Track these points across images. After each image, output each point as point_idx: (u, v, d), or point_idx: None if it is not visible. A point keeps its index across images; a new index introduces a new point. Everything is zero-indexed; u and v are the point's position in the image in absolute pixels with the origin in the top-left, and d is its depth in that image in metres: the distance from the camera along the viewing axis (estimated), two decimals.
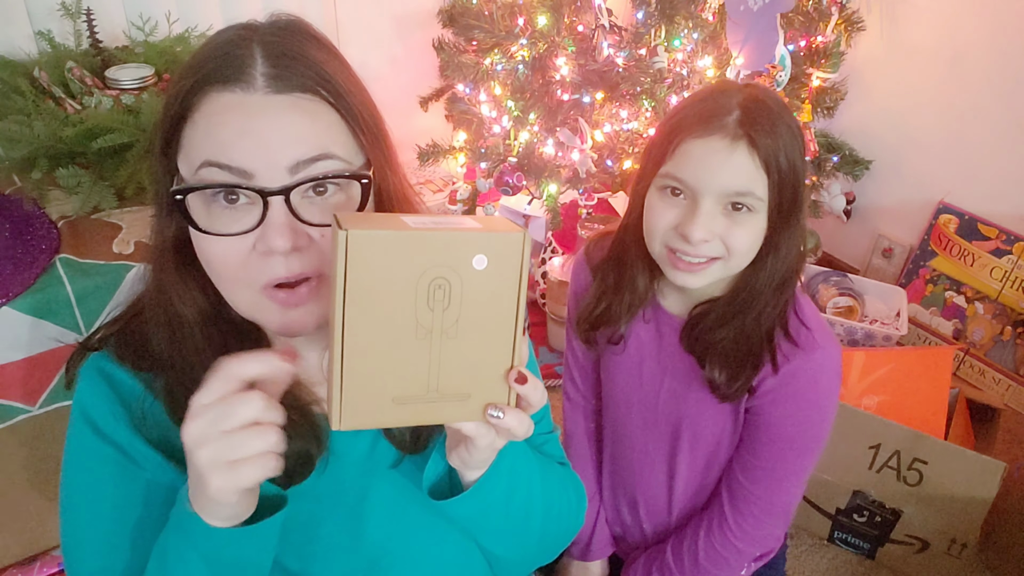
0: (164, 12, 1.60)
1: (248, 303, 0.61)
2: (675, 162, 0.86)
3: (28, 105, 1.28)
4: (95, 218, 1.27)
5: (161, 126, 0.60)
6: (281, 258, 0.58)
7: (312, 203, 0.59)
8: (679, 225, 0.87)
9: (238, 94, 0.57)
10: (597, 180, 1.81)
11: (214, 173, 0.56)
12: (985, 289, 1.94)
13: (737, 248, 0.87)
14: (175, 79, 0.60)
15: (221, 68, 0.57)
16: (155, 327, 0.65)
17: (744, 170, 0.83)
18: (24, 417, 1.18)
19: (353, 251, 0.49)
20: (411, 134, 1.96)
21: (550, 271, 1.85)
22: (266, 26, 0.62)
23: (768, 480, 0.97)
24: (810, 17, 1.85)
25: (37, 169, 1.23)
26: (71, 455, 0.67)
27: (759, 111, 0.84)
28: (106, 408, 0.66)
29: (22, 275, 1.12)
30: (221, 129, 0.56)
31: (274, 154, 0.56)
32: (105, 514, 0.66)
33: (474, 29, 1.79)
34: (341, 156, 0.59)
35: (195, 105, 0.58)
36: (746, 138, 0.83)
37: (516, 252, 0.53)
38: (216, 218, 0.58)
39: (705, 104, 0.86)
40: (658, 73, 1.66)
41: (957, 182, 1.96)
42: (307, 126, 0.58)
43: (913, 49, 1.97)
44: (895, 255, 2.15)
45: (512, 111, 1.80)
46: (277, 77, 0.57)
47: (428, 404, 0.54)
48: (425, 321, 0.52)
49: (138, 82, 1.39)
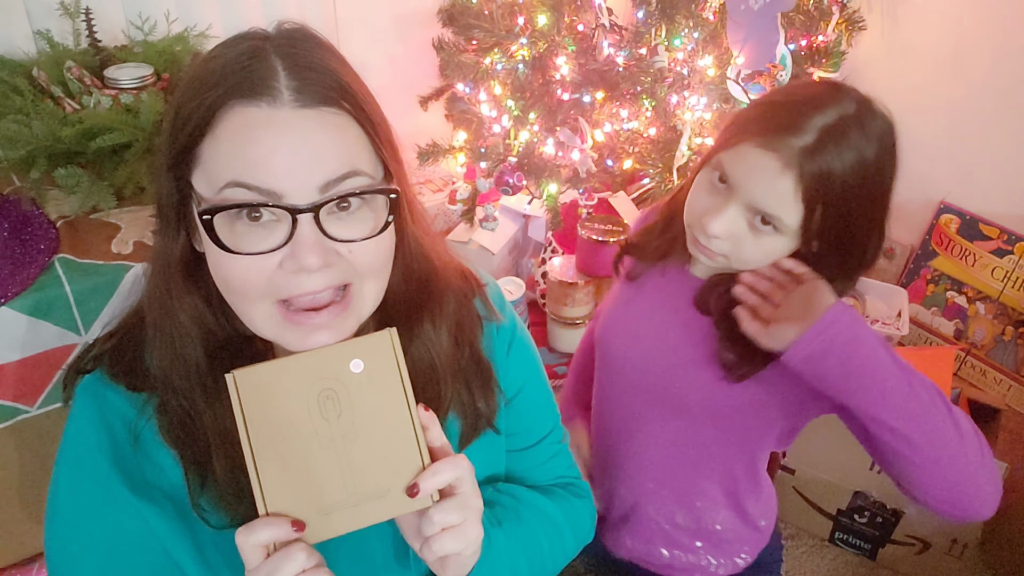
0: (163, 12, 1.60)
1: (265, 319, 0.60)
2: (730, 156, 0.85)
3: (27, 104, 1.27)
4: (94, 218, 1.27)
5: (173, 141, 0.59)
6: (307, 274, 0.58)
7: (338, 219, 0.59)
8: (705, 213, 0.87)
9: (264, 109, 0.55)
10: (597, 180, 1.81)
11: (240, 193, 0.55)
12: (986, 289, 1.93)
13: (742, 258, 0.88)
14: (189, 94, 0.58)
15: (244, 81, 0.56)
16: (157, 343, 0.64)
17: (783, 196, 0.81)
18: (23, 417, 1.18)
19: (243, 387, 0.56)
20: (411, 134, 1.96)
21: (550, 271, 1.84)
22: (278, 36, 0.60)
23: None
24: (811, 16, 1.84)
25: (36, 169, 1.23)
26: (61, 493, 0.66)
27: (835, 143, 0.79)
28: (100, 435, 0.65)
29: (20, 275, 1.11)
30: (250, 147, 0.55)
31: (305, 174, 0.56)
32: (90, 559, 0.65)
33: (474, 28, 1.78)
34: (367, 171, 0.59)
35: (217, 120, 0.56)
36: (798, 169, 0.79)
37: (387, 348, 0.58)
38: (241, 236, 0.57)
39: (789, 113, 0.81)
40: (658, 72, 1.65)
41: (958, 182, 1.96)
42: (336, 143, 0.58)
43: (914, 49, 1.97)
44: (896, 255, 2.14)
45: (512, 111, 1.79)
46: (302, 90, 0.56)
47: (352, 508, 0.57)
48: (324, 431, 0.57)
49: (137, 82, 1.38)
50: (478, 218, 1.89)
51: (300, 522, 0.56)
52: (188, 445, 0.64)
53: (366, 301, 0.63)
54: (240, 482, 0.62)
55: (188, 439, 0.64)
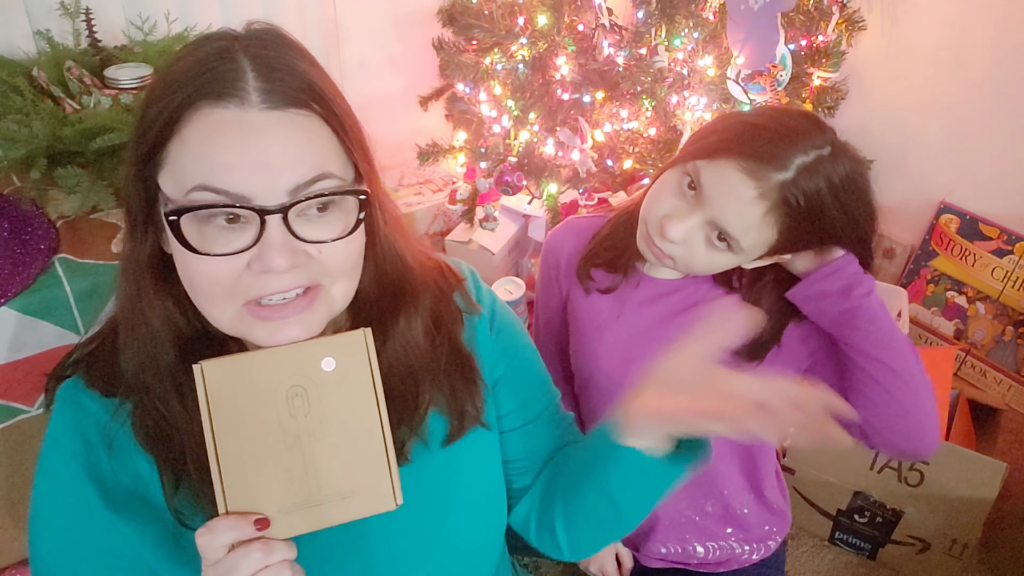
0: (163, 11, 1.60)
1: (232, 319, 0.60)
2: (709, 167, 0.85)
3: (27, 105, 1.27)
4: (94, 218, 1.26)
5: (140, 142, 0.58)
6: (276, 275, 0.57)
7: (308, 220, 0.58)
8: (667, 216, 0.88)
9: (232, 110, 0.55)
10: (597, 180, 1.80)
11: (208, 196, 0.55)
12: (986, 289, 1.93)
13: (690, 265, 0.91)
14: (156, 94, 0.57)
15: (211, 83, 0.55)
16: (130, 346, 0.64)
17: (752, 223, 0.84)
18: (23, 417, 1.18)
19: (210, 380, 0.55)
20: (411, 134, 1.96)
21: None
22: (248, 36, 0.59)
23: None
24: (811, 16, 1.84)
25: (35, 169, 1.22)
26: (38, 501, 0.66)
27: (809, 182, 0.81)
28: (74, 465, 0.65)
29: (20, 275, 1.11)
30: (218, 151, 0.54)
31: (274, 178, 0.55)
32: (65, 567, 0.66)
33: (474, 28, 1.78)
34: (337, 174, 0.59)
35: (184, 121, 0.55)
36: (771, 203, 0.82)
37: (360, 349, 0.58)
38: (208, 238, 0.56)
39: (772, 145, 0.82)
40: (658, 72, 1.65)
41: (958, 182, 1.96)
42: (305, 145, 0.57)
43: (914, 49, 1.97)
44: (896, 255, 2.14)
45: (512, 111, 1.79)
46: (270, 92, 0.56)
47: (314, 508, 0.57)
48: (291, 428, 0.56)
49: (137, 81, 1.38)
50: (478, 218, 1.89)
51: (264, 519, 0.55)
52: (162, 447, 0.64)
53: (335, 300, 0.63)
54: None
55: (162, 441, 0.64)
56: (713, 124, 0.91)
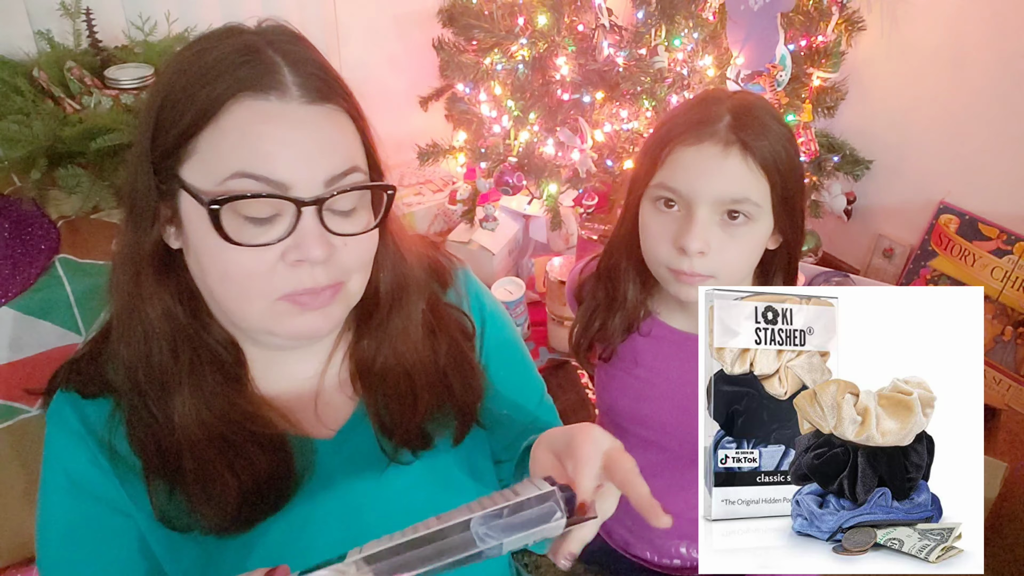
0: (163, 12, 1.60)
1: (260, 313, 0.60)
2: (667, 171, 0.84)
3: (27, 105, 1.27)
4: (94, 218, 1.27)
5: (163, 134, 0.58)
6: (308, 268, 0.58)
7: (334, 215, 0.60)
8: (676, 238, 0.84)
9: (274, 102, 0.56)
10: (597, 180, 1.81)
11: (247, 183, 0.55)
12: (986, 289, 1.94)
13: (729, 266, 0.86)
14: (183, 88, 0.57)
15: (252, 75, 0.56)
16: (123, 341, 0.63)
17: (738, 175, 0.82)
18: (23, 417, 1.18)
19: None
20: (411, 134, 1.96)
21: (550, 271, 1.84)
22: (268, 32, 0.61)
23: None
24: (811, 17, 1.84)
25: (36, 169, 1.23)
26: (46, 511, 0.66)
27: (749, 115, 0.83)
28: (81, 456, 0.64)
29: (21, 275, 1.12)
30: (261, 139, 0.56)
31: (312, 168, 0.57)
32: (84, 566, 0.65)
33: (474, 29, 1.78)
34: (363, 168, 0.61)
35: (223, 113, 0.56)
36: (739, 143, 0.81)
37: None
38: (242, 229, 0.57)
39: (694, 112, 0.85)
40: (658, 73, 1.65)
41: (958, 182, 1.96)
42: (339, 139, 0.59)
43: (913, 49, 1.97)
44: (896, 255, 2.14)
45: (512, 111, 1.79)
46: (306, 86, 0.57)
47: None
48: None
49: (137, 82, 1.39)
50: (478, 218, 1.89)
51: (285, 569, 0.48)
52: (156, 450, 0.63)
53: (352, 295, 0.64)
54: (209, 486, 0.62)
55: (155, 444, 0.63)
56: (639, 152, 0.92)
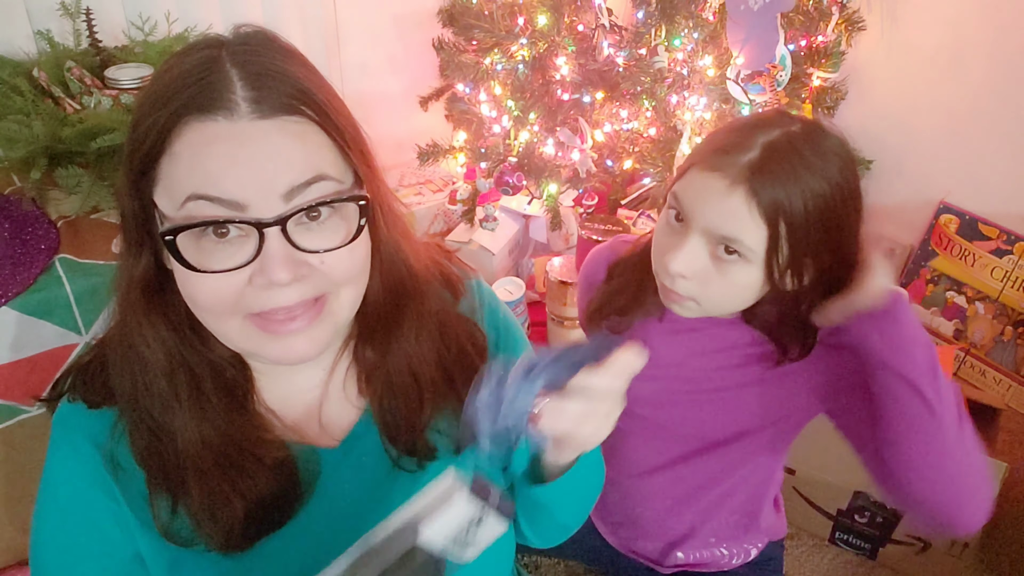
0: (163, 12, 1.60)
1: (239, 333, 0.58)
2: (682, 185, 0.83)
3: (27, 105, 1.27)
4: (94, 218, 1.27)
5: (132, 160, 0.57)
6: (279, 288, 0.56)
7: (308, 228, 0.57)
8: (665, 254, 0.84)
9: (221, 123, 0.53)
10: (597, 180, 1.81)
11: (202, 207, 0.53)
12: (986, 289, 1.93)
13: (712, 299, 0.84)
14: (145, 110, 0.56)
15: (198, 96, 0.54)
16: (118, 370, 0.62)
17: (736, 216, 0.78)
18: (23, 417, 1.18)
19: None
20: (411, 134, 1.96)
21: (550, 271, 1.84)
22: (234, 42, 0.58)
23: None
24: (810, 17, 1.84)
25: (36, 169, 1.23)
26: (41, 520, 0.65)
27: (778, 158, 0.77)
28: (84, 471, 0.64)
29: (21, 275, 1.12)
30: (209, 161, 0.53)
31: (267, 182, 0.54)
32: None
33: (474, 29, 1.78)
34: (333, 176, 0.57)
35: (174, 137, 0.54)
36: (746, 184, 0.77)
37: None
38: (208, 254, 0.55)
39: (733, 135, 0.81)
40: (658, 73, 1.65)
41: (958, 182, 1.96)
42: (298, 149, 0.55)
43: (913, 49, 1.97)
44: (896, 255, 2.14)
45: (512, 111, 1.79)
46: (259, 100, 0.54)
47: None
48: None
49: (137, 82, 1.39)
50: (478, 218, 1.89)
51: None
52: (159, 467, 0.62)
53: (343, 308, 0.61)
54: (214, 507, 0.61)
55: (159, 460, 0.62)
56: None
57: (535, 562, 1.48)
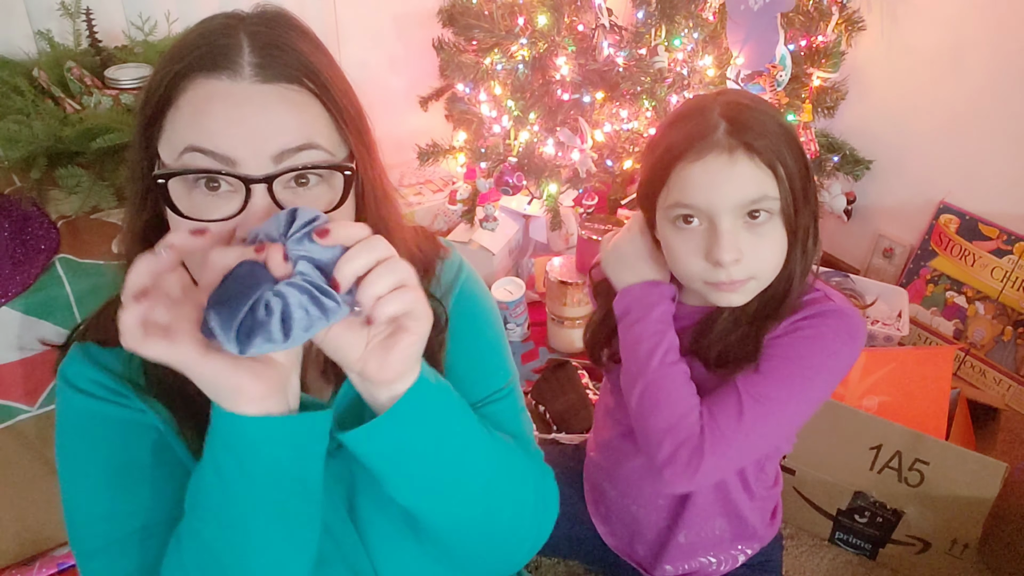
0: (163, 12, 1.60)
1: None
2: (678, 190, 0.84)
3: (27, 105, 1.28)
4: (94, 218, 1.27)
5: (143, 111, 0.60)
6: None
7: (295, 193, 0.59)
8: (707, 253, 0.84)
9: (225, 82, 0.57)
10: (597, 180, 1.81)
11: (197, 159, 0.57)
12: (986, 289, 1.94)
13: (764, 266, 0.86)
14: (159, 65, 0.60)
15: (208, 56, 0.58)
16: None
17: (749, 177, 0.82)
18: (23, 417, 1.18)
19: None
20: (411, 134, 1.96)
21: (550, 271, 1.84)
22: (252, 16, 0.62)
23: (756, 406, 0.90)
24: (811, 17, 1.85)
25: (36, 169, 1.23)
26: (62, 420, 0.68)
27: (743, 116, 0.82)
28: (91, 372, 0.67)
29: (21, 275, 1.12)
30: (207, 116, 0.57)
31: (259, 142, 0.57)
32: (102, 463, 0.66)
33: (474, 29, 1.78)
34: (325, 147, 0.60)
35: (180, 91, 0.58)
36: (742, 146, 0.81)
37: None
38: (197, 204, 0.58)
39: (687, 125, 0.84)
40: (658, 73, 1.65)
41: (958, 182, 1.96)
42: (293, 116, 0.58)
43: (914, 49, 1.97)
44: (896, 255, 2.14)
45: (512, 111, 1.79)
46: (264, 66, 0.58)
47: None
48: None
49: (137, 82, 1.39)
50: (478, 218, 1.89)
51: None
52: (179, 398, 0.65)
53: None
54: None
55: (178, 391, 0.64)
56: (641, 175, 0.92)
57: (535, 562, 1.48)
